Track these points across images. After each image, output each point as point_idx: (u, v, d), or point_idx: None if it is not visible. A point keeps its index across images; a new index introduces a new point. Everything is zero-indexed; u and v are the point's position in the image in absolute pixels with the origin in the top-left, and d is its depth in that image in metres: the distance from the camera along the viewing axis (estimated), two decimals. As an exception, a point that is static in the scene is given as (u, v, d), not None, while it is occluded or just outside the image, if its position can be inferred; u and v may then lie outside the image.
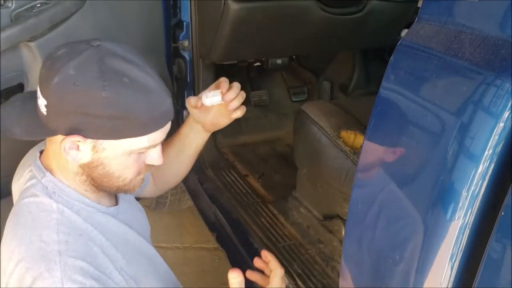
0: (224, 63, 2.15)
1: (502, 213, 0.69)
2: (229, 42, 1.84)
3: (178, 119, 2.10)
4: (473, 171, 0.72)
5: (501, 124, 0.69)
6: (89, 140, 0.91)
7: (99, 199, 1.03)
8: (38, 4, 1.31)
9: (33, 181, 1.00)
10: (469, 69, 0.75)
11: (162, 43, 1.78)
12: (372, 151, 0.94)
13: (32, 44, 1.32)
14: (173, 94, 1.89)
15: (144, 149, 0.96)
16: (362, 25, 2.01)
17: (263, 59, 2.26)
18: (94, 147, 0.93)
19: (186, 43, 1.99)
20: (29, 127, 0.96)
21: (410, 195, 0.84)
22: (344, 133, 1.59)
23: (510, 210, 0.68)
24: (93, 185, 1.00)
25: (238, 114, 1.21)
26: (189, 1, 1.90)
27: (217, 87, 1.20)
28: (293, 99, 2.62)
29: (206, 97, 1.17)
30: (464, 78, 0.76)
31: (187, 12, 1.92)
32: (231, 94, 1.17)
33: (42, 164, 1.00)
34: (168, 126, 0.98)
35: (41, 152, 1.04)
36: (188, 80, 2.06)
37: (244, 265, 1.74)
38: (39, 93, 0.91)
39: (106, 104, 0.86)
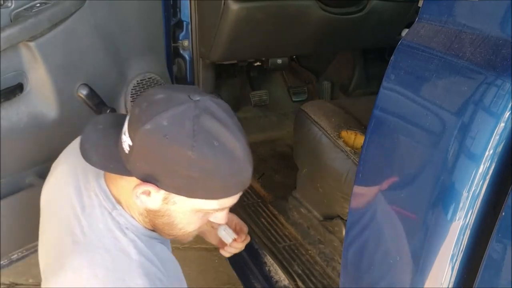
0: (224, 63, 2.15)
1: (503, 214, 0.69)
2: (229, 42, 1.84)
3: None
4: (474, 172, 0.72)
5: (502, 124, 0.69)
6: (162, 191, 0.90)
7: None
8: (38, 4, 1.31)
9: (103, 211, 0.97)
10: (469, 69, 0.75)
11: (162, 43, 1.78)
12: (373, 151, 0.94)
13: (31, 44, 1.32)
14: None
15: (213, 211, 0.96)
16: (362, 25, 2.01)
17: (263, 59, 2.26)
18: (165, 199, 0.92)
19: (186, 43, 1.98)
20: (105, 158, 0.94)
21: (410, 195, 0.84)
22: (344, 133, 1.59)
23: (510, 211, 0.68)
24: (152, 225, 1.00)
25: (226, 254, 1.31)
26: (189, 1, 1.90)
27: (238, 230, 1.29)
28: (293, 99, 2.62)
29: (224, 230, 1.25)
30: (465, 78, 0.76)
31: (187, 12, 1.92)
32: (235, 248, 1.27)
33: (111, 193, 0.98)
34: (241, 193, 0.97)
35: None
36: (188, 80, 2.06)
37: (244, 265, 1.74)
38: (126, 130, 0.90)
39: (189, 163, 0.85)
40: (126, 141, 0.89)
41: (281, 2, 1.80)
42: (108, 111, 1.52)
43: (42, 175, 1.51)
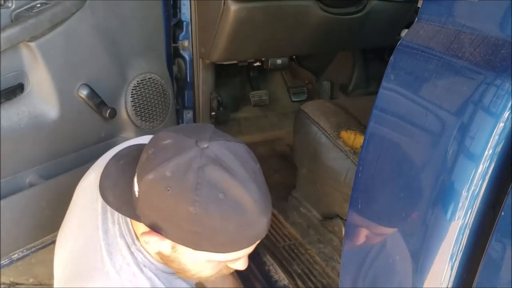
0: (224, 63, 2.15)
1: (502, 213, 0.69)
2: (229, 42, 1.84)
3: (179, 119, 2.10)
4: (473, 171, 0.72)
5: (501, 124, 0.69)
6: (168, 241, 0.87)
7: None
8: (38, 4, 1.31)
9: (123, 243, 0.96)
10: (469, 69, 0.75)
11: (162, 43, 1.78)
12: (372, 151, 0.94)
13: (32, 44, 1.32)
14: (173, 94, 1.89)
15: (224, 262, 0.92)
16: (362, 25, 2.01)
17: (263, 59, 2.26)
18: (173, 247, 0.89)
19: (186, 43, 1.99)
20: (120, 200, 0.92)
21: (410, 195, 0.84)
22: (344, 133, 1.59)
23: (510, 210, 0.68)
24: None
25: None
26: (189, 1, 1.90)
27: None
28: (293, 99, 2.62)
29: None
30: (464, 78, 0.76)
31: (187, 12, 1.93)
32: None
33: (132, 227, 0.96)
34: (258, 242, 0.90)
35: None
36: (188, 80, 2.06)
37: (244, 265, 1.74)
38: (136, 175, 0.87)
39: (191, 219, 0.81)
40: (135, 187, 0.87)
41: (281, 2, 1.81)
42: (108, 111, 1.52)
43: (42, 175, 1.51)
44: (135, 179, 0.87)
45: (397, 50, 0.89)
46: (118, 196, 0.92)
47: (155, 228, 0.86)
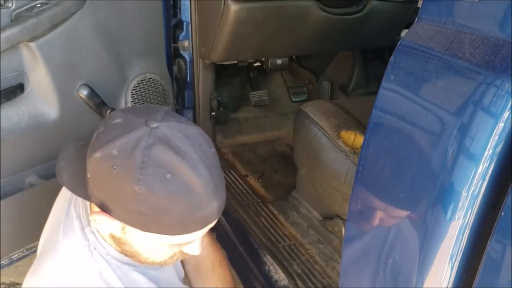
0: (224, 63, 2.15)
1: (502, 214, 0.69)
2: (229, 42, 1.84)
3: (178, 119, 2.10)
4: (473, 171, 0.72)
5: (501, 124, 0.69)
6: (117, 221, 0.85)
7: None
8: (38, 4, 1.31)
9: (78, 224, 0.96)
10: (469, 69, 0.75)
11: (162, 43, 1.78)
12: (372, 152, 0.94)
13: (32, 44, 1.32)
14: (173, 94, 1.89)
15: (176, 245, 0.90)
16: (362, 25, 2.01)
17: (263, 59, 2.26)
18: (123, 228, 0.88)
19: (186, 43, 1.99)
20: (75, 180, 0.91)
21: (410, 195, 0.84)
22: (344, 133, 1.59)
23: (510, 211, 0.68)
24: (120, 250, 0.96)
25: None
26: (189, 1, 1.90)
27: None
28: (293, 99, 2.62)
29: None
30: (464, 78, 0.76)
31: (187, 12, 1.93)
32: None
33: (90, 210, 0.96)
34: (209, 226, 0.89)
35: None
36: (188, 80, 2.06)
37: (244, 265, 1.74)
38: (87, 154, 0.86)
39: (136, 199, 0.79)
40: (87, 167, 0.86)
41: (281, 2, 1.81)
42: (108, 111, 1.52)
43: (42, 175, 1.51)
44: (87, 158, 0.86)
45: (397, 50, 0.89)
46: (73, 176, 0.92)
47: (104, 208, 0.85)
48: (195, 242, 0.92)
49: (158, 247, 0.90)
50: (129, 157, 0.79)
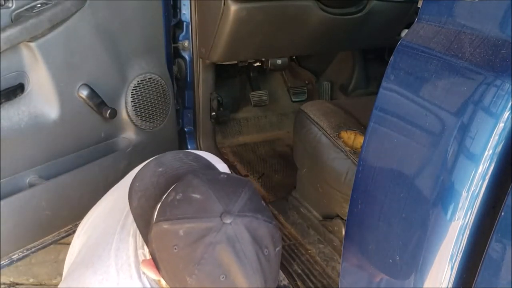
0: (224, 63, 2.15)
1: (502, 213, 0.69)
2: (229, 42, 1.84)
3: (178, 119, 2.10)
4: (473, 171, 0.72)
5: (501, 124, 0.69)
6: (162, 280, 0.85)
7: None
8: (38, 4, 1.31)
9: (133, 243, 0.96)
10: (469, 69, 0.75)
11: (162, 43, 1.78)
12: (372, 151, 0.94)
13: (32, 44, 1.32)
14: (173, 94, 1.89)
15: None
16: (362, 25, 2.01)
17: (263, 59, 2.26)
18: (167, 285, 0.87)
19: (186, 43, 1.99)
20: (140, 212, 0.90)
21: (410, 195, 0.84)
22: (344, 133, 1.59)
23: (510, 210, 0.68)
24: None
25: None
26: (189, 1, 1.90)
27: None
28: (293, 99, 2.62)
29: None
30: (464, 78, 0.76)
31: (187, 12, 1.93)
32: None
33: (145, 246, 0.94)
34: None
35: None
36: (188, 80, 2.06)
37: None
38: (157, 211, 0.85)
39: (184, 285, 0.79)
40: (154, 216, 0.85)
41: (281, 2, 1.81)
42: (108, 111, 1.52)
43: (42, 175, 1.51)
44: (157, 210, 0.85)
45: (397, 50, 0.89)
46: (141, 207, 0.90)
47: (155, 263, 0.85)
48: None
49: None
50: (191, 246, 0.78)
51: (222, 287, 0.78)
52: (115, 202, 1.08)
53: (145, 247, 0.93)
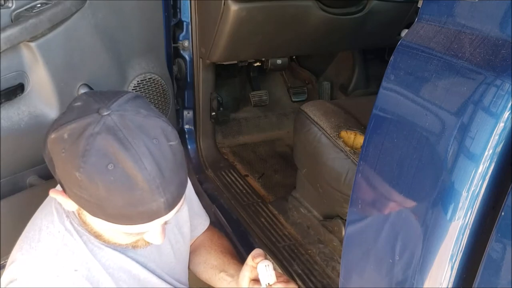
0: (224, 63, 2.15)
1: (502, 214, 0.69)
2: (229, 42, 1.84)
3: (178, 119, 2.10)
4: (473, 171, 0.72)
5: (501, 124, 0.69)
6: (71, 201, 0.86)
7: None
8: (38, 4, 1.31)
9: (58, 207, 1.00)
10: (469, 69, 0.75)
11: (162, 43, 1.79)
12: (372, 152, 0.94)
13: (32, 44, 1.32)
14: (173, 94, 1.89)
15: (132, 234, 0.89)
16: (362, 25, 2.01)
17: (263, 59, 2.26)
18: (79, 208, 0.89)
19: (186, 43, 1.99)
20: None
21: (410, 195, 0.84)
22: (344, 133, 1.59)
23: (510, 211, 0.68)
24: None
25: None
26: (189, 1, 1.90)
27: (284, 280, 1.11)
28: (293, 99, 2.62)
29: (265, 266, 1.08)
30: (464, 78, 0.76)
31: (187, 12, 1.93)
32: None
33: None
34: (161, 219, 0.86)
35: None
36: (188, 80, 2.06)
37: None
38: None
39: (78, 185, 0.80)
40: None
41: (281, 2, 1.81)
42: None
43: (42, 175, 1.51)
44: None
45: (397, 50, 0.89)
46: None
47: (61, 185, 0.87)
48: (153, 232, 0.90)
49: (114, 231, 0.90)
50: (75, 143, 0.80)
51: (114, 176, 0.78)
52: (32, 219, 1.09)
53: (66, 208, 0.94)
